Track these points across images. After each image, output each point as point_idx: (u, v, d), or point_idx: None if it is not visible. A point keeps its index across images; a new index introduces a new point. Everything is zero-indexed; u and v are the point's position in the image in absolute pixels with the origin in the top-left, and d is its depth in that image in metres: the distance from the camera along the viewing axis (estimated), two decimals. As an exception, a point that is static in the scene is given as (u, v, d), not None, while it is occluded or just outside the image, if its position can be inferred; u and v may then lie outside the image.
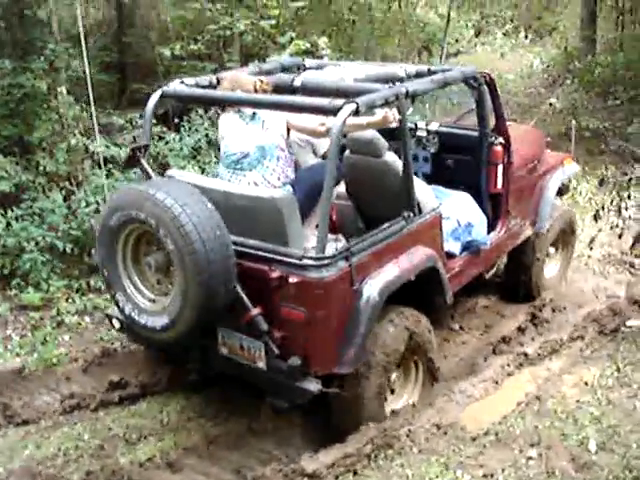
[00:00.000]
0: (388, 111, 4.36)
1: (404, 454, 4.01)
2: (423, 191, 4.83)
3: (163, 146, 7.91)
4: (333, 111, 3.89)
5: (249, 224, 4.15)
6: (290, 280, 3.88)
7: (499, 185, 5.50)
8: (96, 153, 7.11)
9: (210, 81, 5.02)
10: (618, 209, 6.45)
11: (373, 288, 4.10)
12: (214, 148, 8.13)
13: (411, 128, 5.74)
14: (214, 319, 4.07)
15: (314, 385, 3.92)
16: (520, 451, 3.96)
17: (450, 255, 5.06)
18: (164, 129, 8.17)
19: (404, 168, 4.45)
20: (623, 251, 7.08)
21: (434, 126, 5.87)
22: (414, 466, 3.92)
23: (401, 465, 3.93)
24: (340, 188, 4.90)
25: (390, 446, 4.06)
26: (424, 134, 5.84)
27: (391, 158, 4.70)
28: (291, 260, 3.95)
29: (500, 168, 5.46)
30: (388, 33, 14.14)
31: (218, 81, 4.96)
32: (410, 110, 4.99)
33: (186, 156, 7.94)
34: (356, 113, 3.90)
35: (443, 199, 5.17)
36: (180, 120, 8.41)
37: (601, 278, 6.72)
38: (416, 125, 5.81)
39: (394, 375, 4.39)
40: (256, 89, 4.63)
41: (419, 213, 4.60)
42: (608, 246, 7.24)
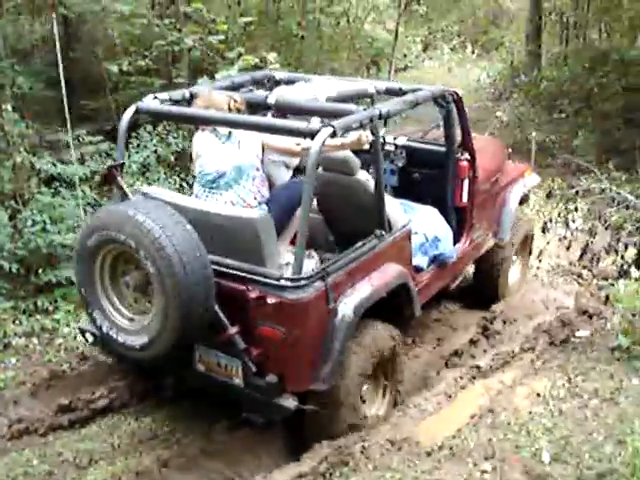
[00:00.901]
0: (362, 133, 4.41)
1: (359, 471, 3.97)
2: (393, 208, 4.91)
3: (111, 163, 7.75)
4: (311, 134, 3.94)
5: (226, 243, 4.17)
6: (268, 300, 3.91)
7: (464, 199, 5.64)
8: (42, 171, 6.98)
9: (183, 95, 4.98)
10: (565, 221, 6.56)
11: (348, 306, 4.18)
12: (164, 165, 8.05)
13: None
14: (193, 338, 4.07)
15: (290, 402, 3.98)
16: (474, 465, 3.95)
17: (418, 269, 5.16)
18: (111, 145, 8.04)
19: (376, 187, 4.50)
20: (571, 262, 7.19)
21: (402, 140, 5.98)
22: (369, 483, 3.88)
23: (356, 482, 3.90)
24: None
25: (345, 463, 4.03)
26: (392, 148, 5.92)
27: (363, 176, 4.83)
28: (269, 280, 3.98)
29: (466, 183, 5.61)
30: (337, 48, 14.21)
31: (192, 96, 4.92)
32: (383, 131, 5.03)
33: (135, 173, 7.83)
34: (332, 136, 3.95)
35: (411, 214, 5.24)
36: (128, 137, 8.27)
37: (550, 289, 6.83)
38: (384, 139, 5.86)
39: (365, 387, 4.45)
40: (230, 108, 4.63)
41: (390, 230, 4.67)
42: (556, 257, 7.36)
